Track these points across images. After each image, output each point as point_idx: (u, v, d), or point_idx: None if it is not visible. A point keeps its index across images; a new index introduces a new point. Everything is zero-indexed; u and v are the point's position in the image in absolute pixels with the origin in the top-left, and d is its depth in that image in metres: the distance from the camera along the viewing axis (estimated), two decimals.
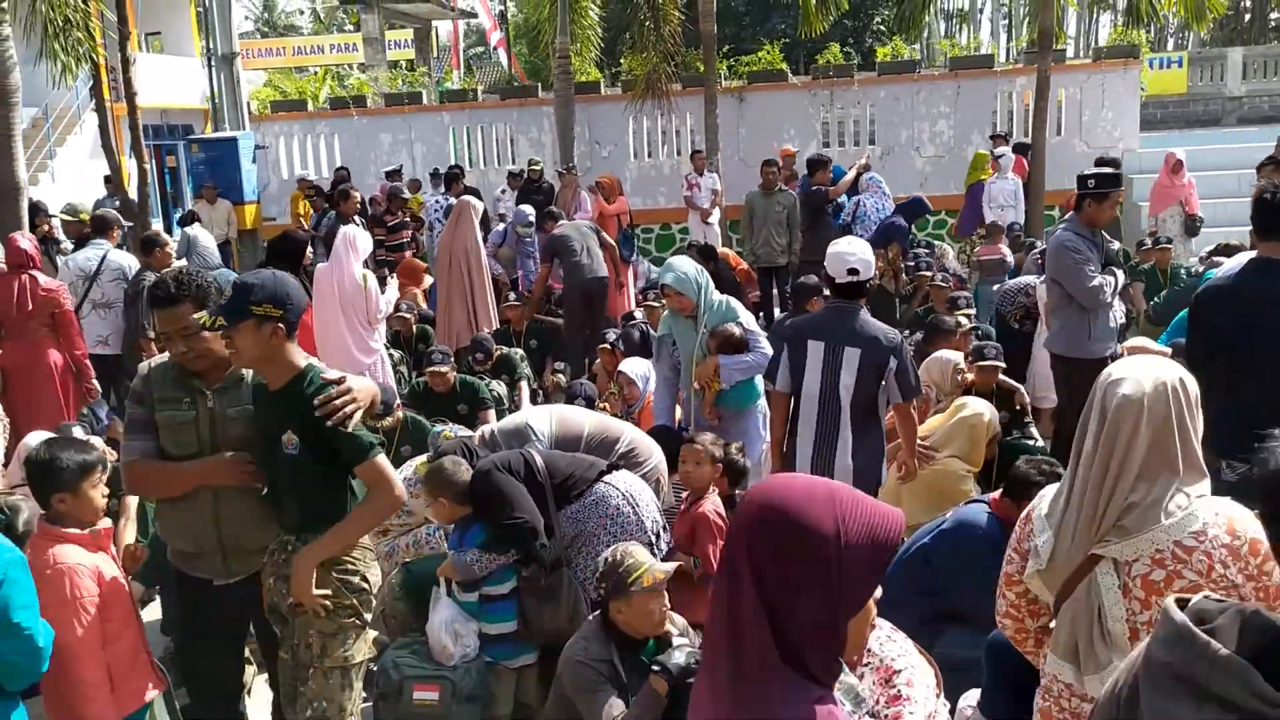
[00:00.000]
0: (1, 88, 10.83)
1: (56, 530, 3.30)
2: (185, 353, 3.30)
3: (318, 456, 3.20)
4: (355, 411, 3.18)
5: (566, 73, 15.63)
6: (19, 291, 6.72)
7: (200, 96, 24.02)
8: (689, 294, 5.57)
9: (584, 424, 4.87)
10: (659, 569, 3.68)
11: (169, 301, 3.27)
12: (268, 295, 3.10)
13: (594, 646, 3.69)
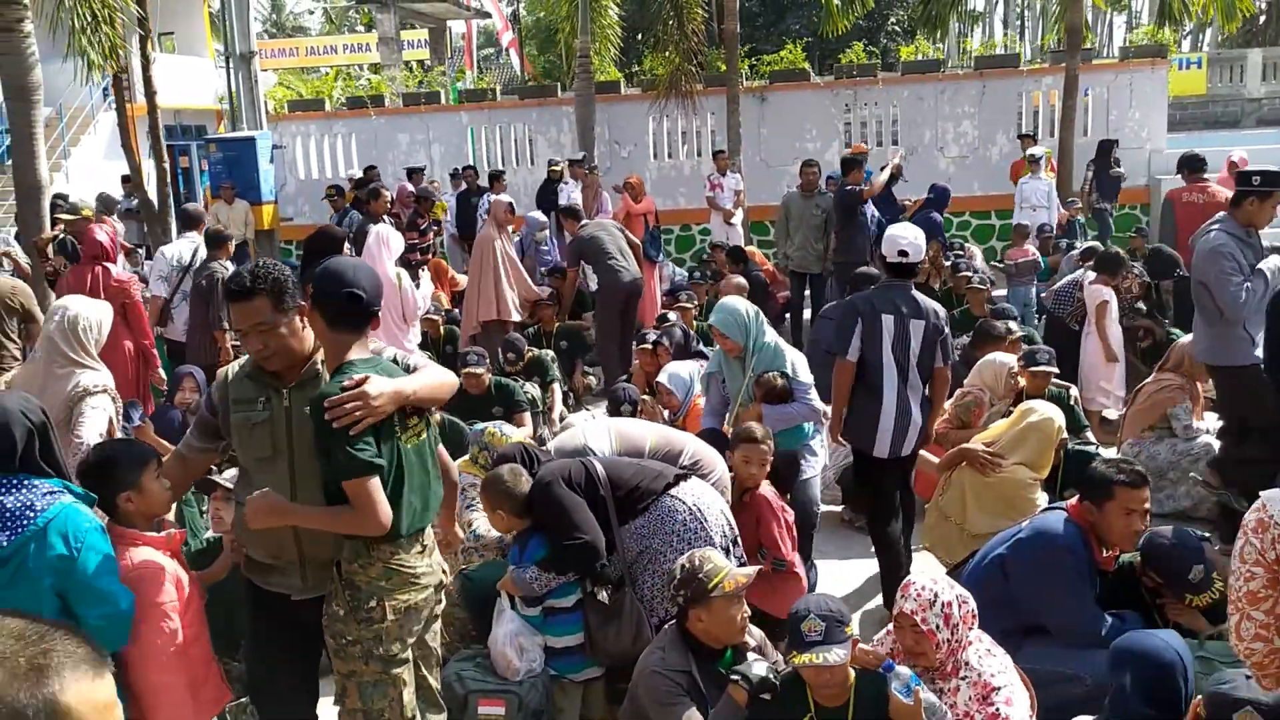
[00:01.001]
0: (23, 85, 10.71)
1: (131, 533, 3.18)
2: (262, 349, 3.13)
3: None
4: (364, 418, 2.94)
5: (587, 72, 15.49)
6: (92, 282, 6.87)
7: (213, 97, 23.96)
8: (735, 338, 5.45)
9: (646, 439, 4.67)
10: (739, 573, 3.56)
11: (244, 295, 3.07)
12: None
13: (671, 656, 3.57)
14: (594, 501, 4.14)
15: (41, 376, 4.60)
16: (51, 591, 2.87)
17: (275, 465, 3.22)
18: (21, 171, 10.91)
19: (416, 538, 3.20)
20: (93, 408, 4.50)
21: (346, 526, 3.06)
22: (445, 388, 3.33)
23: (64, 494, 2.96)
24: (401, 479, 3.12)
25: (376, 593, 3.13)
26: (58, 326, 4.65)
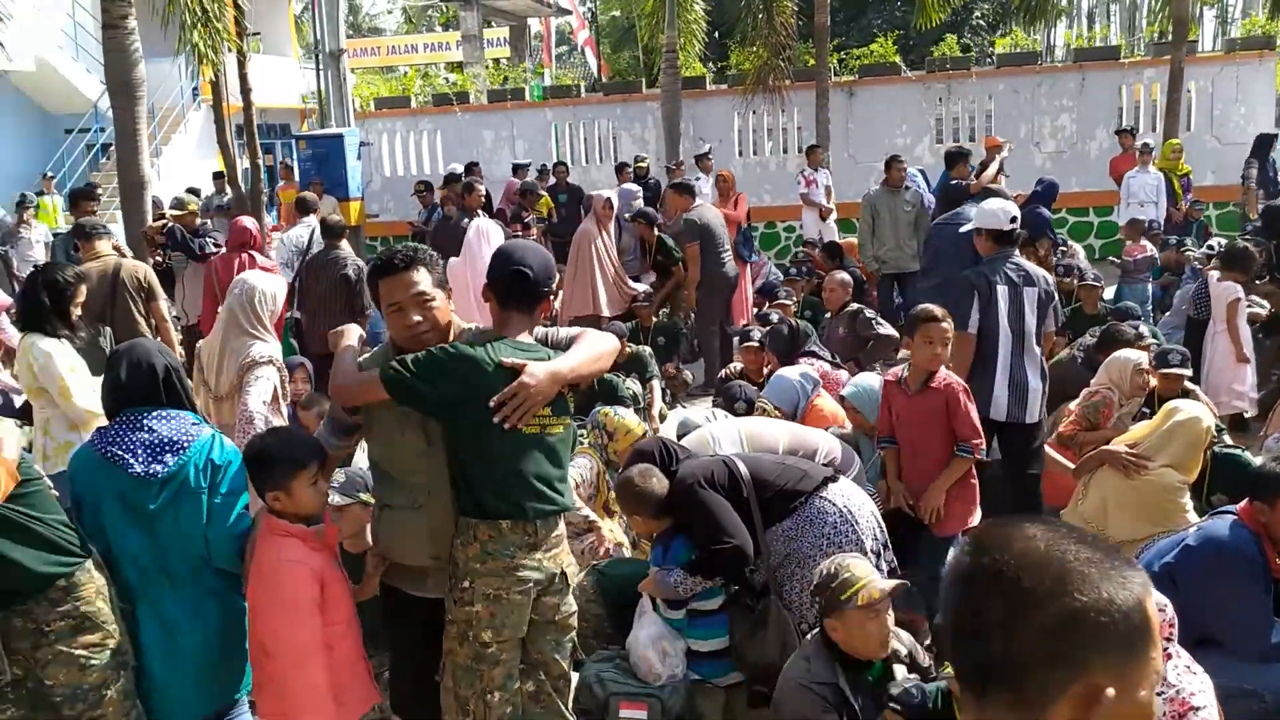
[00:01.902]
0: (127, 82, 10.88)
1: (282, 524, 3.11)
2: (420, 321, 3.04)
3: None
4: (529, 408, 2.98)
5: (673, 67, 15.36)
6: (239, 268, 7.12)
7: (296, 96, 24.29)
8: (868, 416, 5.28)
9: (778, 439, 4.51)
10: (877, 585, 3.35)
11: (406, 267, 3.03)
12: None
13: (816, 667, 3.39)
14: (737, 502, 3.99)
15: (220, 344, 4.86)
16: (204, 507, 3.20)
17: (431, 458, 3.13)
18: (125, 167, 11.08)
19: (522, 526, 3.05)
20: (258, 377, 4.68)
21: (604, 357, 3.20)
22: (605, 356, 3.22)
23: (205, 425, 3.31)
24: (489, 458, 3.02)
25: (470, 573, 3.05)
26: (236, 299, 4.87)
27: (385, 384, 2.97)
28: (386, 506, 3.20)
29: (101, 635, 3.02)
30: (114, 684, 3.03)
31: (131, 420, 3.22)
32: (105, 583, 3.08)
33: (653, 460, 4.17)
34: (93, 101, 20.69)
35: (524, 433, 3.02)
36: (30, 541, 2.89)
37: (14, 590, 2.92)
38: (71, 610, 2.96)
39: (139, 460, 3.14)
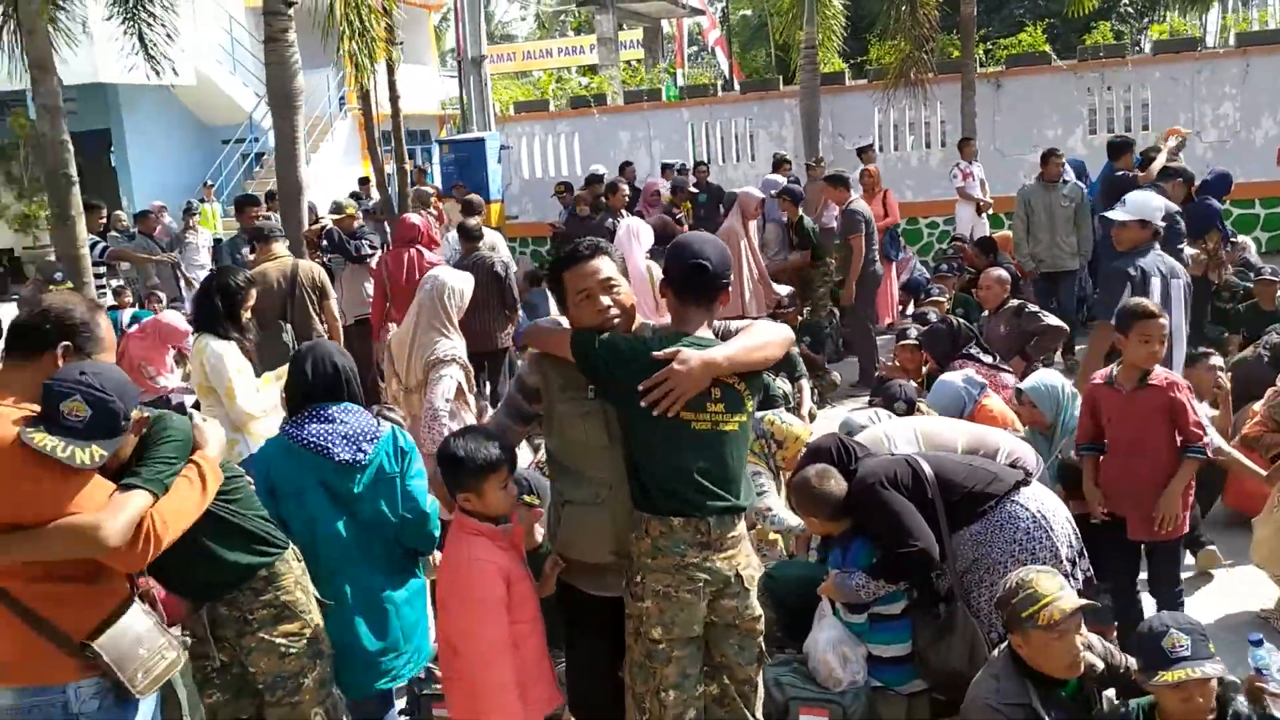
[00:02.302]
0: (286, 93, 11.27)
1: (471, 522, 3.14)
2: (610, 306, 3.02)
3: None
4: (679, 396, 2.90)
5: (812, 63, 15.15)
6: (407, 264, 7.49)
7: (436, 103, 24.95)
8: (1046, 413, 5.08)
9: (956, 438, 4.33)
10: (1065, 604, 3.14)
11: (590, 255, 3.04)
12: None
13: (1007, 686, 3.22)
14: (921, 504, 3.87)
15: (410, 339, 5.01)
16: (397, 489, 3.44)
17: (613, 452, 3.11)
18: (284, 174, 11.48)
19: (694, 524, 2.98)
20: (442, 375, 4.82)
21: (769, 345, 3.08)
22: (771, 346, 3.09)
23: (380, 419, 3.57)
24: (659, 452, 2.98)
25: (641, 569, 3.03)
26: (426, 294, 5.02)
27: (573, 341, 3.01)
28: (567, 502, 3.17)
29: (300, 625, 3.11)
30: (311, 672, 3.11)
31: (320, 414, 3.42)
32: (303, 572, 3.18)
33: (830, 459, 4.07)
34: (248, 113, 21.64)
35: (694, 428, 2.96)
36: (234, 535, 3.00)
37: (220, 582, 3.03)
38: (273, 600, 3.06)
39: (341, 449, 3.35)
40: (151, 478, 2.67)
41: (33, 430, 2.49)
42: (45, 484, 2.50)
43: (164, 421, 2.81)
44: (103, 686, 2.67)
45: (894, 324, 11.03)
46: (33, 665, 2.62)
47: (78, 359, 2.68)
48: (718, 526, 3.02)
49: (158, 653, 2.71)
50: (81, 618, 2.64)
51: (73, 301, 2.77)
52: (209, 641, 3.06)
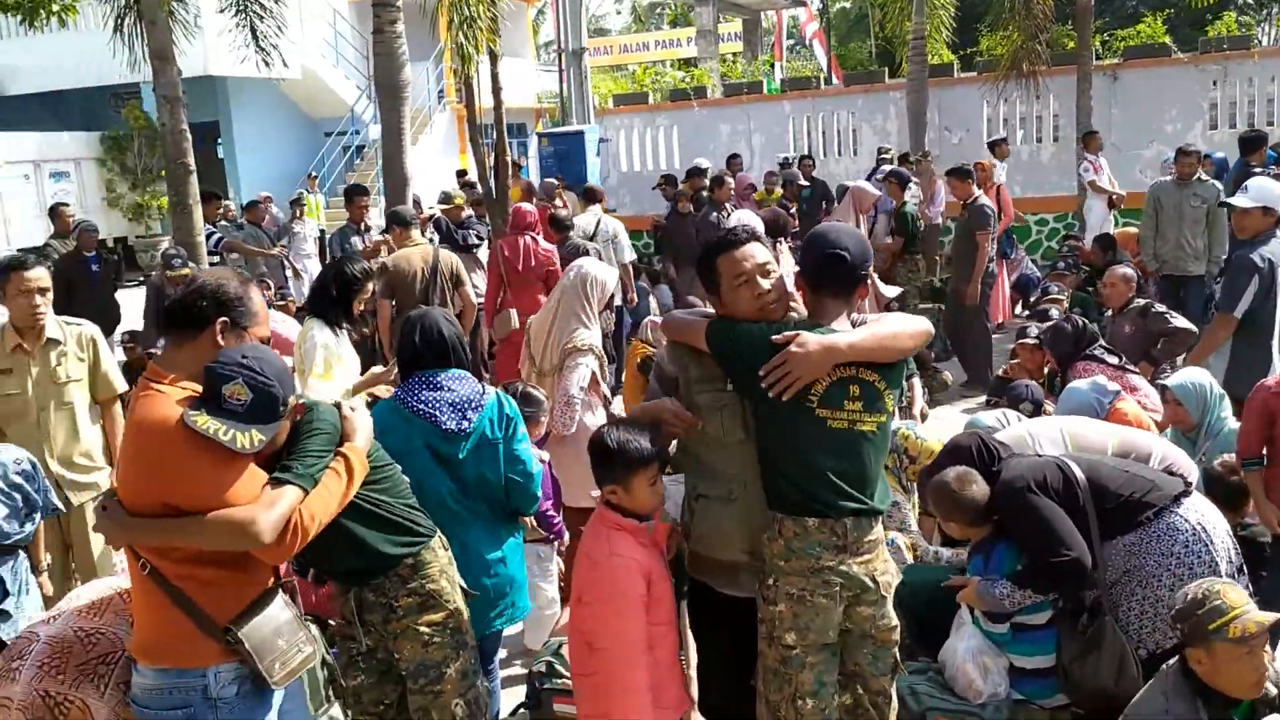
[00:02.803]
0: (394, 84, 11.38)
1: (614, 516, 3.04)
2: (767, 291, 2.93)
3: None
4: (794, 380, 2.81)
5: (920, 55, 14.80)
6: (523, 251, 7.69)
7: (533, 96, 25.06)
8: (1192, 411, 4.84)
9: (1106, 441, 4.10)
10: (1254, 618, 2.92)
11: (746, 240, 2.96)
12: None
13: (1176, 707, 2.99)
14: (1072, 510, 3.65)
15: (549, 325, 5.13)
16: (500, 454, 3.52)
17: (746, 449, 3.00)
18: (390, 164, 11.61)
19: (829, 526, 2.87)
20: (579, 363, 4.91)
21: (901, 336, 2.95)
22: (903, 338, 2.92)
23: (487, 385, 3.65)
24: (793, 449, 2.87)
25: (774, 571, 2.93)
26: (570, 283, 5.13)
27: (708, 331, 2.94)
28: (701, 496, 3.10)
29: (444, 614, 3.06)
30: (454, 662, 3.06)
31: (428, 380, 3.51)
32: (449, 561, 3.13)
33: (970, 459, 3.87)
34: (350, 106, 22.00)
35: (830, 426, 2.87)
36: (380, 524, 2.97)
37: (365, 569, 3.01)
38: (418, 588, 3.03)
39: (447, 417, 3.44)
40: (303, 473, 2.65)
41: (195, 412, 2.48)
42: (205, 468, 2.49)
43: (314, 412, 2.79)
44: (241, 673, 2.66)
45: (1004, 323, 10.70)
46: (177, 646, 2.63)
47: (234, 334, 2.68)
48: (854, 529, 2.91)
49: (295, 645, 2.70)
50: (226, 603, 2.64)
51: (225, 277, 2.76)
52: (356, 625, 3.05)
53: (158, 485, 2.51)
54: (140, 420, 2.55)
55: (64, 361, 4.43)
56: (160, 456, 2.50)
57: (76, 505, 4.50)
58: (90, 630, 2.89)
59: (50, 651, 2.83)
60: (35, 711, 2.76)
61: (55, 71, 20.63)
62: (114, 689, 2.80)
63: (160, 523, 2.52)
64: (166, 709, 2.63)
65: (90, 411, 4.57)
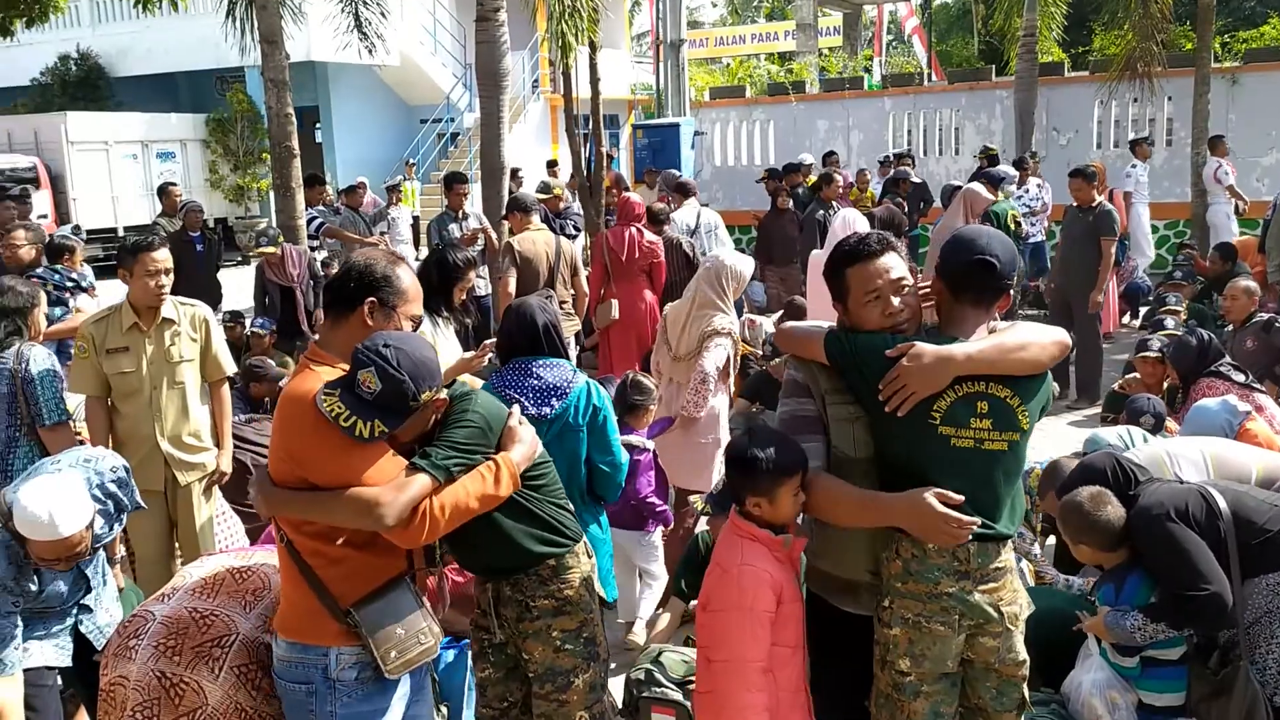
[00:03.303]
0: (494, 72, 11.35)
1: (749, 527, 2.90)
2: (900, 309, 2.76)
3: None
4: (909, 395, 2.65)
5: (1031, 52, 14.32)
6: (628, 242, 7.76)
7: (626, 87, 24.97)
8: None
9: (1249, 467, 3.85)
10: None
11: (881, 251, 2.77)
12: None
13: None
14: (1213, 543, 3.42)
15: (686, 312, 5.32)
16: (583, 441, 3.69)
17: (870, 465, 2.81)
18: (487, 151, 11.60)
19: (952, 549, 2.69)
20: (716, 345, 5.14)
21: (1032, 347, 2.75)
22: (1033, 349, 2.70)
23: (580, 374, 3.75)
24: (913, 469, 2.68)
25: (891, 593, 2.77)
26: (708, 272, 5.32)
27: (826, 343, 2.77)
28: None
29: (578, 622, 2.97)
30: (583, 673, 2.97)
31: (521, 368, 3.71)
32: (592, 569, 3.05)
33: (1105, 481, 3.65)
34: (445, 93, 22.18)
35: (954, 445, 2.67)
36: (528, 520, 2.90)
37: (505, 566, 2.94)
38: (556, 591, 2.95)
39: (530, 402, 3.61)
40: (438, 463, 2.61)
41: (328, 393, 2.50)
42: (333, 448, 2.51)
43: (466, 402, 2.74)
44: (362, 659, 2.64)
45: (1112, 333, 10.32)
46: (303, 622, 2.66)
47: (383, 313, 2.67)
48: (978, 555, 2.71)
49: (414, 637, 2.65)
50: (352, 584, 2.63)
51: (374, 257, 2.74)
52: (491, 617, 2.99)
53: (295, 459, 2.56)
54: (287, 395, 2.61)
55: (178, 341, 4.47)
56: (297, 432, 2.55)
57: (183, 485, 4.53)
58: (204, 612, 2.87)
59: (166, 632, 2.83)
60: (151, 691, 2.76)
61: (164, 54, 21.21)
62: (228, 672, 2.79)
63: (298, 495, 2.57)
64: (293, 681, 2.67)
65: (200, 392, 4.60)
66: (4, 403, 4.33)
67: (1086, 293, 8.45)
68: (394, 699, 2.73)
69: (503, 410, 2.84)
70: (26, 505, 3.10)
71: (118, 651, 2.84)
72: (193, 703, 2.76)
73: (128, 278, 4.35)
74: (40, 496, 3.12)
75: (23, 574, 3.26)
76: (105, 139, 19.35)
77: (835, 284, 2.84)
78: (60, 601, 3.45)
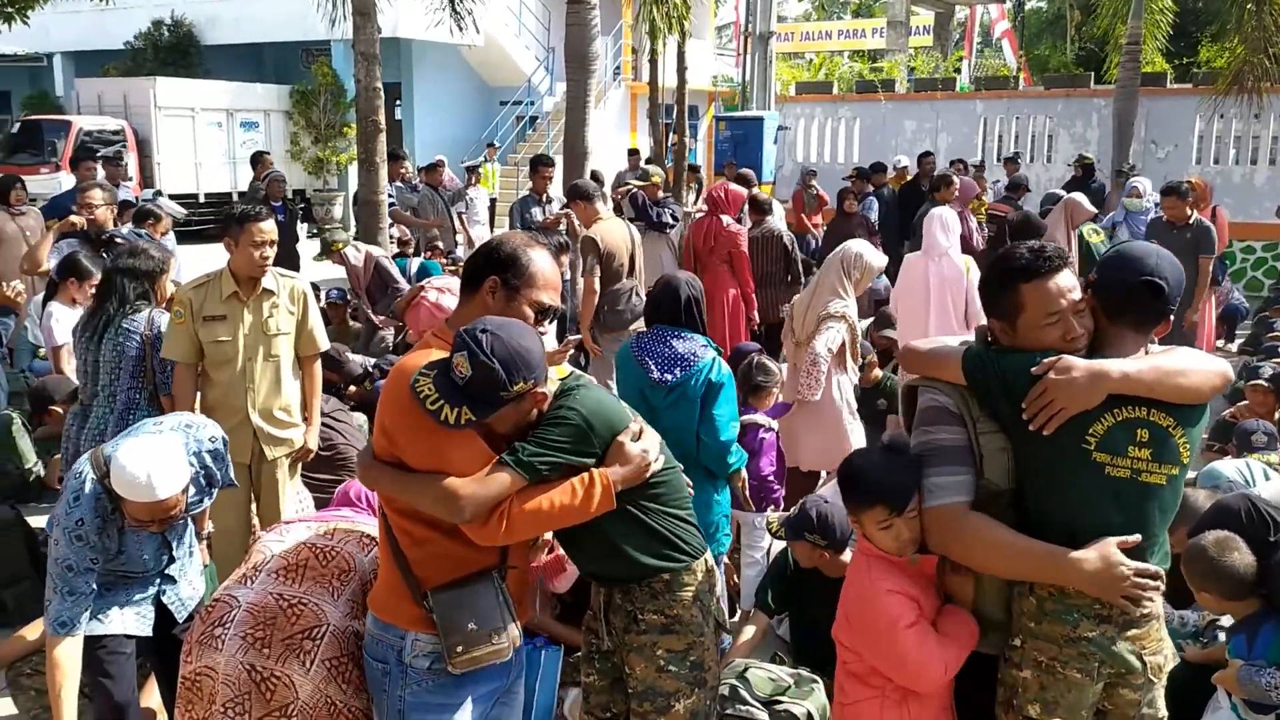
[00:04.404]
0: (584, 55, 11.29)
1: (868, 544, 2.72)
2: (1079, 337, 2.50)
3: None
4: (1058, 410, 2.43)
5: (1134, 60, 13.86)
6: (709, 231, 7.82)
7: (707, 79, 24.75)
8: None
9: None
10: None
11: (1059, 267, 2.49)
12: None
13: None
14: None
15: (810, 298, 5.50)
16: (696, 413, 3.95)
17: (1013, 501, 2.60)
18: (571, 134, 11.54)
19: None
20: (829, 327, 5.31)
21: (1193, 374, 2.50)
22: (1193, 375, 2.46)
23: (710, 349, 4.04)
24: (1062, 497, 2.45)
25: (1023, 632, 2.52)
26: (836, 259, 5.52)
27: (966, 363, 2.53)
28: None
29: (686, 643, 2.77)
30: (685, 698, 2.77)
31: (658, 335, 4.08)
32: (709, 588, 2.84)
33: (1238, 524, 3.40)
34: (526, 76, 22.14)
35: (1109, 474, 2.43)
36: (641, 531, 2.69)
37: (614, 575, 2.77)
38: (665, 608, 2.75)
39: (656, 367, 3.98)
40: (525, 461, 2.44)
41: (424, 373, 2.36)
42: (424, 430, 2.37)
43: (570, 398, 2.54)
44: (438, 649, 2.50)
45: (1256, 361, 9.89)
46: (389, 599, 2.57)
47: (504, 294, 2.52)
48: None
49: (486, 635, 2.48)
50: (436, 568, 2.50)
51: (507, 237, 2.60)
52: (601, 622, 2.84)
53: (388, 435, 2.46)
54: (396, 368, 2.51)
55: (275, 313, 4.38)
56: (394, 406, 2.45)
57: (270, 459, 4.46)
58: (292, 600, 2.75)
59: (253, 621, 2.71)
60: (241, 686, 2.65)
61: (253, 24, 21.40)
62: (319, 666, 2.68)
63: (389, 472, 2.47)
64: (374, 658, 2.58)
65: (292, 367, 4.51)
66: (130, 365, 4.36)
67: (1181, 312, 8.09)
68: (468, 697, 2.58)
69: (614, 414, 2.61)
70: (125, 464, 3.03)
71: (203, 640, 2.73)
72: (284, 698, 2.64)
73: (233, 246, 4.28)
74: (140, 456, 3.04)
75: (106, 530, 3.19)
76: (192, 106, 19.56)
77: (1004, 301, 2.55)
78: (144, 568, 3.37)
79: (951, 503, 2.52)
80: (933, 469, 2.57)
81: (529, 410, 2.49)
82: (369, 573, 2.87)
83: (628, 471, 2.57)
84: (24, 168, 15.74)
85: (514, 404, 2.41)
